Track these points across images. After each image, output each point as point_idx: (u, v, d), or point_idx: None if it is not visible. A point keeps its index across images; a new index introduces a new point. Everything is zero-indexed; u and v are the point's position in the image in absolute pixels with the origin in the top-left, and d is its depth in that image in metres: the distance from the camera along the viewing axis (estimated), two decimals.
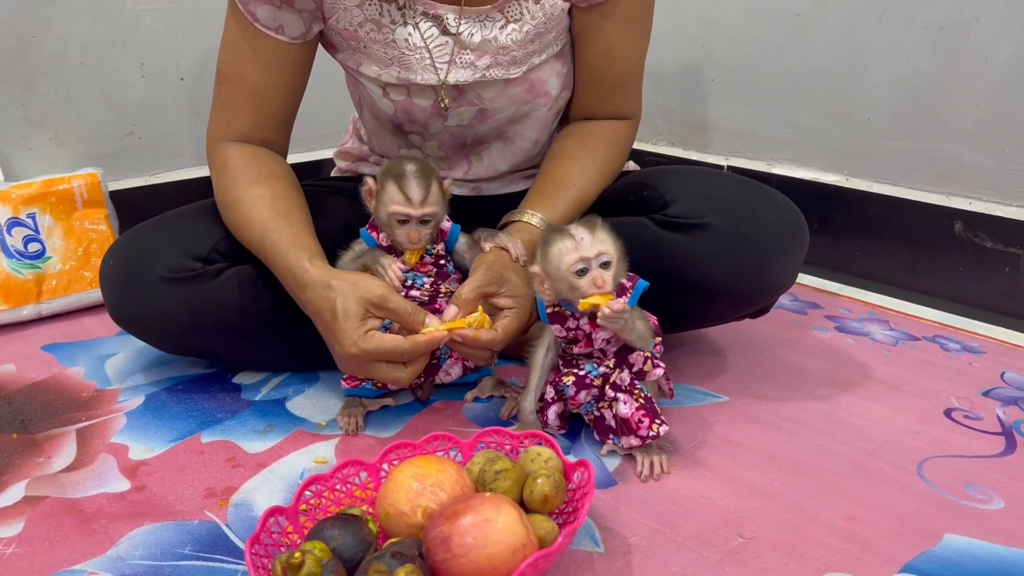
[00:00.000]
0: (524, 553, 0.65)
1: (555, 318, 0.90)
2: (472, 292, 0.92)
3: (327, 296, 0.88)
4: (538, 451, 0.79)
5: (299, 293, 0.92)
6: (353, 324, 0.86)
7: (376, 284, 0.89)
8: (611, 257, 0.85)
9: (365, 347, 0.86)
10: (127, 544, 0.78)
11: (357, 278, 0.90)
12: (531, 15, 0.99)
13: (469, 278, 0.93)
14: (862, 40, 1.41)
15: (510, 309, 0.93)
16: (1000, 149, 1.29)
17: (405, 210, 0.93)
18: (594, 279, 0.84)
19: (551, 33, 1.02)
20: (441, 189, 0.96)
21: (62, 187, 1.34)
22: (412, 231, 0.94)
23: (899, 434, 0.97)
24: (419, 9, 0.98)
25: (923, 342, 1.22)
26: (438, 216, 0.96)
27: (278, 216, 0.96)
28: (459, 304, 0.92)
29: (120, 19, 1.45)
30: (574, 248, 0.84)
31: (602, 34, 1.04)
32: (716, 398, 1.05)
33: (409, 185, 0.93)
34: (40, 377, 1.11)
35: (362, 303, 0.87)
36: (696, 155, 1.70)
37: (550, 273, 0.87)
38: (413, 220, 0.94)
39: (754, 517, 0.82)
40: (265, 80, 1.01)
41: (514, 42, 0.99)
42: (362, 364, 0.89)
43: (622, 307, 0.83)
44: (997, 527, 0.81)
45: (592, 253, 0.84)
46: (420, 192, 0.93)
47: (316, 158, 1.73)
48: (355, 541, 0.68)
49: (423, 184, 0.93)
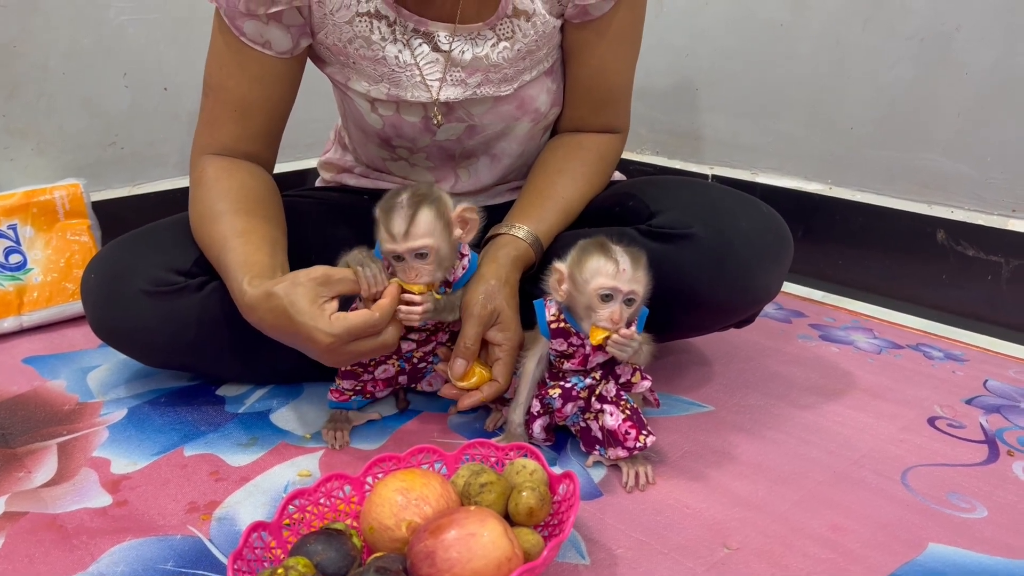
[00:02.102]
0: (509, 567, 0.65)
1: (558, 333, 0.89)
2: (474, 340, 0.93)
3: (274, 306, 0.83)
4: (523, 463, 0.79)
5: (248, 317, 0.88)
6: (312, 314, 0.82)
7: (312, 269, 0.84)
8: (638, 298, 0.85)
9: (335, 331, 0.81)
10: (108, 560, 0.77)
11: (293, 274, 0.85)
12: (522, 33, 0.98)
13: (465, 324, 0.93)
14: (845, 50, 1.42)
15: (501, 347, 0.94)
16: (981, 158, 1.30)
17: (390, 246, 0.87)
18: (612, 313, 0.84)
19: (542, 50, 1.02)
20: (441, 217, 0.88)
21: (44, 198, 1.33)
22: (408, 269, 0.88)
23: (883, 443, 0.97)
24: (410, 26, 0.97)
25: (907, 350, 1.23)
26: (436, 248, 0.87)
27: (235, 234, 0.92)
28: (466, 356, 0.93)
29: (103, 28, 1.44)
30: (614, 274, 0.83)
31: (595, 50, 1.04)
32: (701, 408, 1.05)
33: (393, 219, 0.87)
34: (21, 390, 1.10)
35: (309, 288, 0.83)
36: (681, 164, 1.71)
37: (576, 281, 0.85)
38: (406, 256, 0.88)
39: (739, 528, 0.82)
40: (251, 94, 1.00)
41: (505, 60, 0.99)
42: (343, 351, 0.84)
43: (631, 333, 0.83)
44: (981, 536, 0.81)
45: (626, 288, 0.84)
46: (402, 224, 0.86)
47: (301, 167, 1.73)
48: (339, 556, 0.68)
49: (408, 216, 0.86)
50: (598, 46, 1.03)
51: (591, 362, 0.89)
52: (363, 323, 0.83)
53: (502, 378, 0.94)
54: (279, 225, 1.00)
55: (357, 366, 0.98)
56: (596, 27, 1.02)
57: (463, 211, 0.90)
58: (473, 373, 0.94)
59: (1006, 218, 1.29)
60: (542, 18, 0.98)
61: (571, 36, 1.03)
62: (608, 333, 0.84)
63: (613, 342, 0.84)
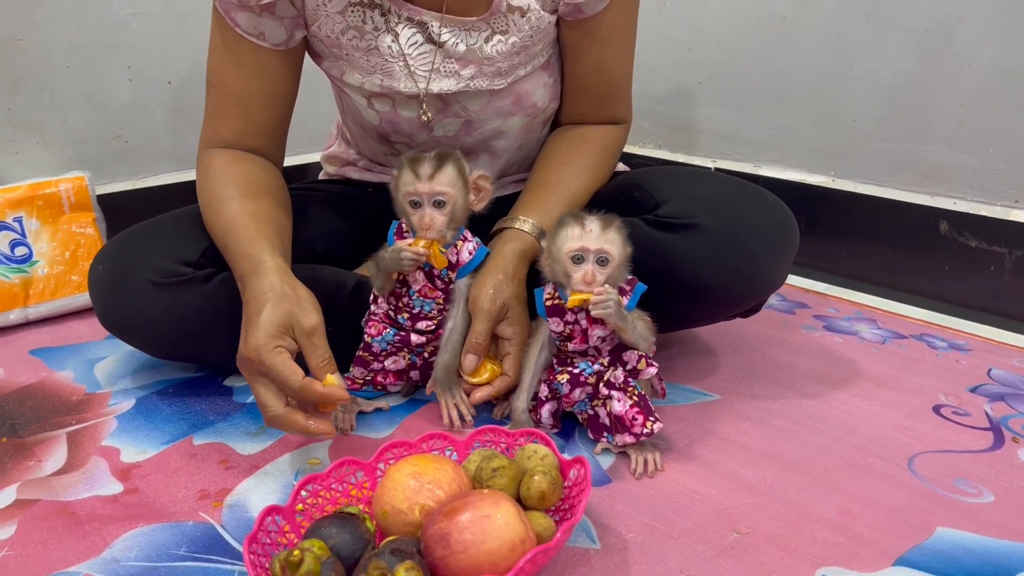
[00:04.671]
0: (523, 549, 0.65)
1: (553, 311, 0.90)
2: (484, 335, 0.94)
3: (266, 292, 0.84)
4: (534, 449, 0.80)
5: (246, 279, 0.87)
6: (268, 331, 0.81)
7: (314, 315, 0.84)
8: (611, 257, 0.86)
9: (264, 357, 0.80)
10: (121, 546, 0.77)
11: (305, 296, 0.85)
12: (517, 27, 0.98)
13: (475, 320, 0.95)
14: (847, 43, 1.43)
15: (510, 341, 0.96)
16: (984, 149, 1.31)
17: (414, 187, 0.91)
18: (585, 274, 0.85)
19: (537, 46, 1.02)
20: (462, 174, 0.93)
21: (49, 190, 1.33)
22: (425, 215, 0.91)
23: (889, 430, 0.98)
24: (404, 15, 0.97)
25: (910, 340, 1.23)
26: (454, 199, 0.92)
27: (245, 213, 0.94)
28: (477, 352, 0.95)
29: (107, 22, 1.44)
30: (580, 236, 0.86)
31: (591, 48, 1.04)
32: (708, 397, 1.06)
33: (421, 163, 0.91)
34: (28, 381, 1.10)
35: (291, 321, 0.83)
36: (683, 158, 1.72)
37: (552, 252, 0.88)
38: (425, 201, 0.91)
39: (748, 513, 0.82)
40: (250, 88, 1.01)
41: (499, 53, 0.99)
42: (251, 372, 0.83)
43: (604, 289, 0.84)
44: (988, 520, 0.82)
45: (593, 246, 0.85)
46: (430, 168, 0.91)
47: (302, 162, 1.73)
48: (353, 539, 0.68)
49: (436, 163, 0.91)
50: (593, 44, 1.03)
51: (592, 338, 0.89)
52: (285, 377, 0.80)
53: (512, 372, 0.96)
54: (287, 215, 1.00)
55: (367, 354, 0.98)
56: (590, 26, 1.01)
57: (478, 177, 0.95)
58: (484, 368, 0.96)
59: (1009, 209, 1.29)
60: (536, 13, 0.98)
61: (566, 34, 1.03)
62: (585, 296, 0.85)
63: (593, 304, 0.84)
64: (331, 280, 1.03)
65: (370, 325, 0.98)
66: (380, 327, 0.97)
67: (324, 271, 1.04)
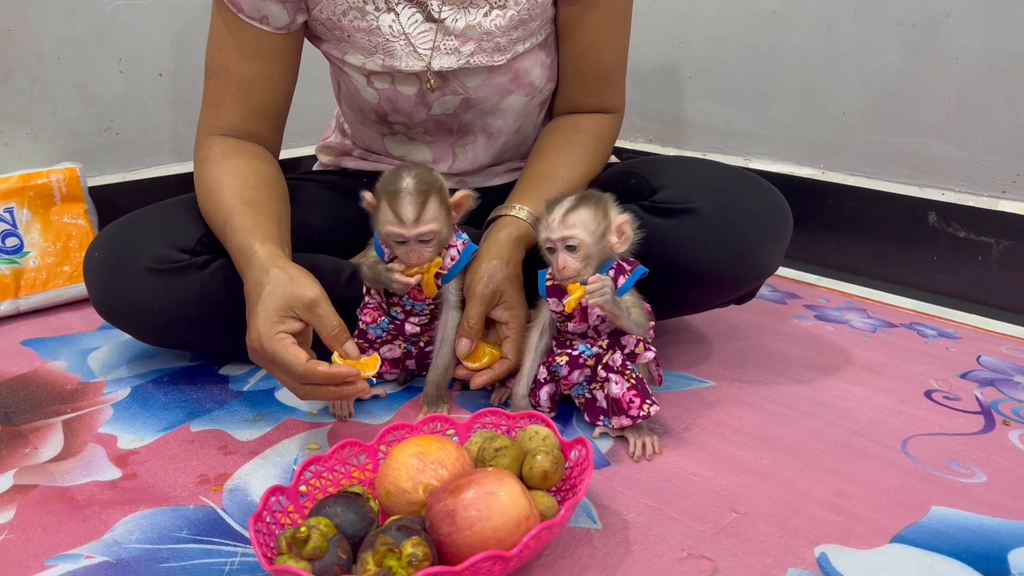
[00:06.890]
0: (528, 525, 0.66)
1: (554, 291, 0.91)
2: (478, 319, 0.95)
3: (260, 281, 0.84)
4: (535, 430, 0.80)
5: (243, 272, 0.89)
6: (268, 318, 0.82)
7: (311, 287, 0.84)
8: (578, 241, 0.86)
9: (267, 346, 0.81)
10: (122, 529, 0.77)
11: (298, 273, 0.85)
12: (515, 1, 1.00)
13: (468, 304, 0.95)
14: (836, 37, 1.44)
15: (507, 325, 0.97)
16: (971, 141, 1.32)
17: (398, 231, 0.89)
18: (556, 263, 0.86)
19: (535, 21, 1.03)
20: (444, 203, 0.91)
21: (40, 181, 1.32)
22: (411, 252, 0.90)
23: (882, 414, 0.99)
24: None
25: (901, 329, 1.25)
26: (439, 233, 0.91)
27: (243, 203, 0.94)
28: (470, 335, 0.95)
29: (98, 14, 1.44)
30: (545, 227, 0.88)
31: (588, 27, 1.05)
32: (703, 383, 1.07)
33: (402, 204, 0.88)
34: (21, 371, 1.10)
35: (289, 300, 0.82)
36: (674, 151, 1.72)
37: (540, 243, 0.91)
38: (410, 240, 0.90)
39: (746, 494, 0.83)
40: (251, 73, 1.01)
41: (498, 28, 1.00)
42: (263, 362, 0.84)
43: (597, 277, 0.85)
44: (981, 499, 0.83)
45: (556, 236, 0.86)
46: (413, 211, 0.88)
47: (295, 155, 1.72)
48: (358, 518, 0.68)
49: (418, 201, 0.88)
50: (590, 23, 1.05)
51: (591, 316, 0.90)
52: (288, 362, 0.80)
53: (512, 355, 0.96)
54: (285, 205, 1.00)
55: (363, 341, 0.99)
56: (588, 3, 1.03)
57: (461, 197, 0.94)
58: (484, 353, 0.96)
59: (996, 199, 1.31)
60: None
61: (564, 12, 1.05)
62: (579, 294, 0.86)
63: (589, 293, 0.85)
64: (328, 267, 1.04)
65: (365, 313, 0.99)
66: (375, 315, 0.98)
67: (321, 259, 1.04)
